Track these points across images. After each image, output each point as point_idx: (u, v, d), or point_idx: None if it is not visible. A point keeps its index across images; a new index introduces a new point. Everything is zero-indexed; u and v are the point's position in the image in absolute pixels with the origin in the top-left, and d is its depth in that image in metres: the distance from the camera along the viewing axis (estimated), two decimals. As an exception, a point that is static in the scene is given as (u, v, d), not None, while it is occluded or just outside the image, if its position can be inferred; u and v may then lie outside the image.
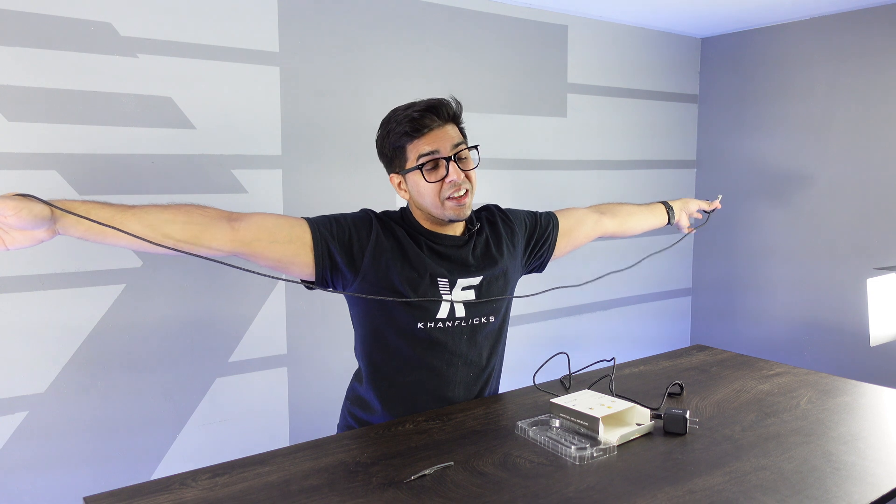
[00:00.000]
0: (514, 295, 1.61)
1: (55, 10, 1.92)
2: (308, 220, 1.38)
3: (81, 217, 1.15)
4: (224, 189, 2.23)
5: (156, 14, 2.07)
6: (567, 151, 3.11)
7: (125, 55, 2.03)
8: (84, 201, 1.18)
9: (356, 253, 1.38)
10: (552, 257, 1.71)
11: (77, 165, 1.98)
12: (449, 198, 1.40)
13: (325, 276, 1.38)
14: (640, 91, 3.34)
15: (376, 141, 1.48)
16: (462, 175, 1.41)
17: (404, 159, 1.42)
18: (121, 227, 1.18)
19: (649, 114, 3.40)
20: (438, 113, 1.41)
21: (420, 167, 1.39)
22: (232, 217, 1.30)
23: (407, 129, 1.39)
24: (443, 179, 1.39)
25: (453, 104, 1.45)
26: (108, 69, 2.01)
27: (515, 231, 1.61)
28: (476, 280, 1.48)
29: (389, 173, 1.49)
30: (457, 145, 1.42)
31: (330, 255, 1.37)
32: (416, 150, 1.40)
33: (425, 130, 1.39)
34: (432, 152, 1.39)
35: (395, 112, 1.43)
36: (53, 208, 1.13)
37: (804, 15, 3.07)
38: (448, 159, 1.39)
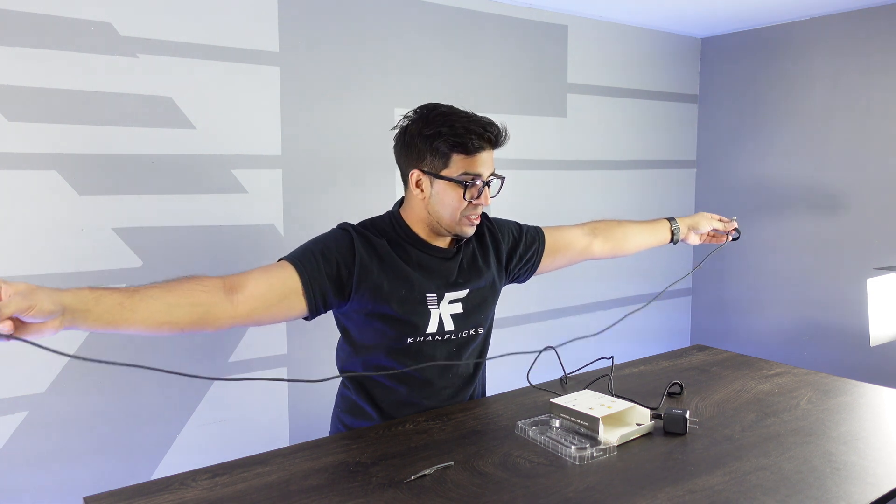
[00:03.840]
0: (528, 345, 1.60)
1: (55, 10, 1.92)
2: (294, 263, 1.35)
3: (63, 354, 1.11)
4: (224, 189, 2.23)
5: (156, 14, 2.07)
6: (567, 151, 3.11)
7: (125, 55, 2.03)
8: (92, 289, 1.12)
9: (345, 280, 1.38)
10: (535, 273, 1.71)
11: (77, 165, 1.98)
12: (467, 216, 1.42)
13: (319, 310, 1.38)
14: (640, 91, 3.34)
15: (408, 130, 1.44)
16: (489, 202, 1.44)
17: (443, 164, 1.39)
18: (131, 316, 1.15)
19: (649, 114, 3.40)
20: (496, 139, 1.42)
21: (466, 183, 1.38)
22: (225, 287, 1.28)
23: (465, 143, 1.37)
24: (472, 199, 1.40)
25: (504, 135, 1.44)
26: (108, 69, 2.01)
27: (500, 242, 1.61)
28: (463, 293, 1.48)
29: (410, 168, 1.44)
30: (492, 173, 1.43)
31: (323, 295, 1.36)
32: (464, 165, 1.39)
33: (480, 152, 1.39)
34: (477, 175, 1.39)
35: (445, 115, 1.40)
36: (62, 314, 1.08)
37: (804, 15, 3.07)
38: (485, 184, 1.41)
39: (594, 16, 3.09)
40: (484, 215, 1.65)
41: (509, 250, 1.62)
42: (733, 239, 1.93)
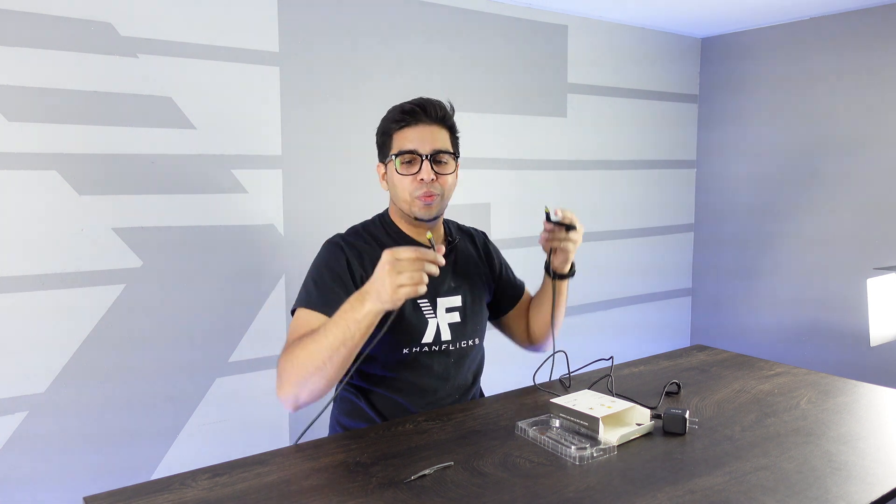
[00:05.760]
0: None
1: (55, 10, 1.92)
2: (320, 310, 1.34)
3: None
4: (224, 189, 2.23)
5: (156, 14, 2.07)
6: (567, 151, 3.11)
7: (125, 55, 2.03)
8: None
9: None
10: (498, 319, 1.66)
11: (77, 165, 1.98)
12: (417, 196, 1.40)
13: None
14: (640, 91, 3.34)
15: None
16: (431, 175, 1.38)
17: (388, 149, 1.44)
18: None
19: (649, 114, 3.40)
20: (426, 110, 1.42)
21: (396, 156, 1.40)
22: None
23: (395, 118, 1.42)
24: (414, 175, 1.39)
25: (446, 106, 1.45)
26: (108, 69, 2.01)
27: (494, 261, 1.63)
28: (457, 300, 1.48)
29: (378, 163, 1.50)
30: (438, 149, 1.41)
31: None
32: (399, 142, 1.42)
33: (411, 123, 1.41)
34: (411, 150, 1.40)
35: (393, 105, 1.47)
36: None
37: (804, 15, 3.07)
38: (423, 157, 1.39)
39: (594, 16, 3.08)
40: (486, 236, 1.66)
41: (497, 276, 1.63)
42: (568, 229, 1.45)
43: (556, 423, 1.30)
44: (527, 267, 1.84)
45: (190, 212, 2.17)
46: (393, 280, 1.14)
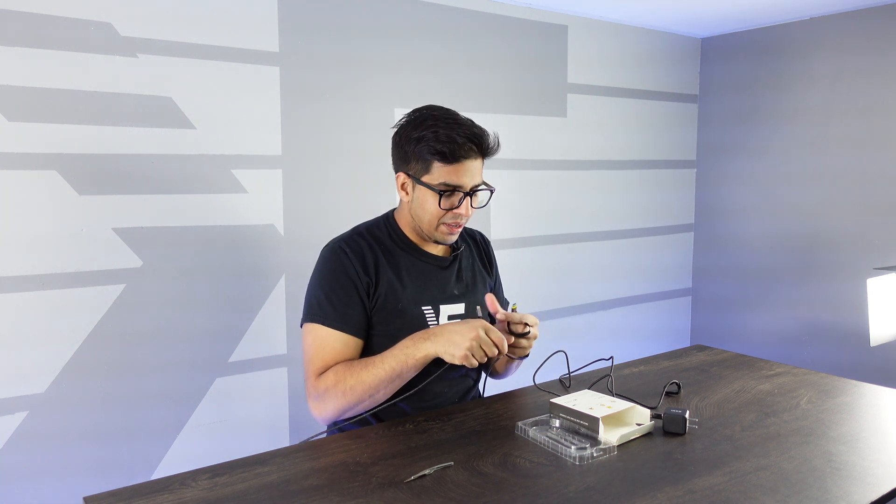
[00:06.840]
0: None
1: (55, 10, 1.92)
2: (334, 325, 1.37)
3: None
4: (224, 189, 2.23)
5: (156, 14, 2.07)
6: (567, 151, 3.11)
7: (125, 55, 2.03)
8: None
9: (364, 300, 1.41)
10: None
11: (77, 165, 1.98)
12: (446, 224, 1.40)
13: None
14: (640, 91, 3.34)
15: (399, 131, 1.42)
16: (472, 212, 1.42)
17: (425, 170, 1.38)
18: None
19: (649, 113, 3.40)
20: (480, 146, 1.38)
21: (442, 192, 1.37)
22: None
23: (445, 151, 1.34)
24: (451, 209, 1.39)
25: (494, 144, 1.41)
26: (108, 69, 2.01)
27: (493, 262, 1.64)
28: (460, 309, 1.48)
29: (398, 170, 1.44)
30: (478, 184, 1.41)
31: (369, 322, 1.41)
32: (444, 174, 1.36)
33: (462, 160, 1.36)
34: (458, 187, 1.37)
35: (435, 119, 1.37)
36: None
37: (804, 15, 3.07)
38: (466, 193, 1.39)
39: (594, 16, 3.09)
40: (485, 238, 1.65)
41: (492, 287, 1.64)
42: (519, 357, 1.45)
43: (556, 423, 1.30)
44: (526, 267, 1.84)
45: (190, 212, 2.17)
46: (473, 346, 1.25)
